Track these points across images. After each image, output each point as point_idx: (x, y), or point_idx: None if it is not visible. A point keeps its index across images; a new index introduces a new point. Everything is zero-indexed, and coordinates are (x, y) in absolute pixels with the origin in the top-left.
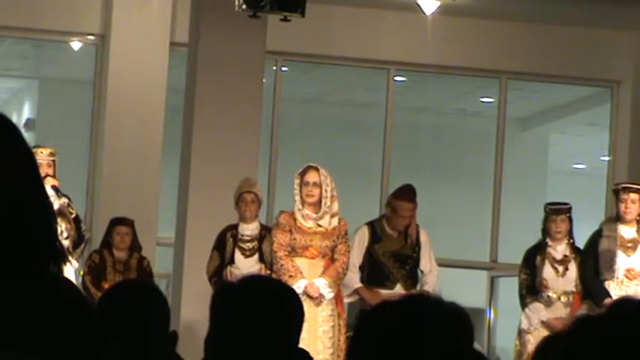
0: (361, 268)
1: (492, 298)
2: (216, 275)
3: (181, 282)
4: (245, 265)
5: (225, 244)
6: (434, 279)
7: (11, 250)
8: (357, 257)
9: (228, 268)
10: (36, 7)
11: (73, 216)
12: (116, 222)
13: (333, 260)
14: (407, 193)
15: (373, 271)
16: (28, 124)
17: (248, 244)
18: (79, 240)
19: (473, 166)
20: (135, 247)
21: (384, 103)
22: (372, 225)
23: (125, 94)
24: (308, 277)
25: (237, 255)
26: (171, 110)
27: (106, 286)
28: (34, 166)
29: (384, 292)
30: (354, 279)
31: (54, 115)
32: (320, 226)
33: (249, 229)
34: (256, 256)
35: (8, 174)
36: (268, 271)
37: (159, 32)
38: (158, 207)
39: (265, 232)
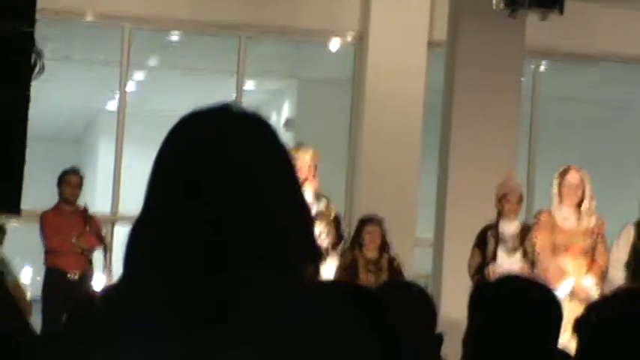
0: (627, 265)
1: None
2: (478, 273)
3: (440, 281)
4: (507, 263)
5: (486, 242)
6: None
7: (271, 250)
8: (623, 254)
9: (490, 266)
10: (295, 6)
11: (332, 217)
12: (365, 221)
13: (593, 259)
14: None
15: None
16: (288, 124)
17: (509, 242)
18: (338, 239)
19: None
20: (384, 246)
21: None
22: (638, 224)
23: (384, 93)
24: (573, 276)
25: (500, 253)
26: (429, 109)
27: None
28: (291, 168)
29: None
30: (617, 276)
31: (313, 115)
32: (580, 225)
33: (512, 227)
34: (518, 255)
35: (266, 177)
36: (530, 270)
37: (417, 31)
38: (417, 206)
39: (526, 230)
